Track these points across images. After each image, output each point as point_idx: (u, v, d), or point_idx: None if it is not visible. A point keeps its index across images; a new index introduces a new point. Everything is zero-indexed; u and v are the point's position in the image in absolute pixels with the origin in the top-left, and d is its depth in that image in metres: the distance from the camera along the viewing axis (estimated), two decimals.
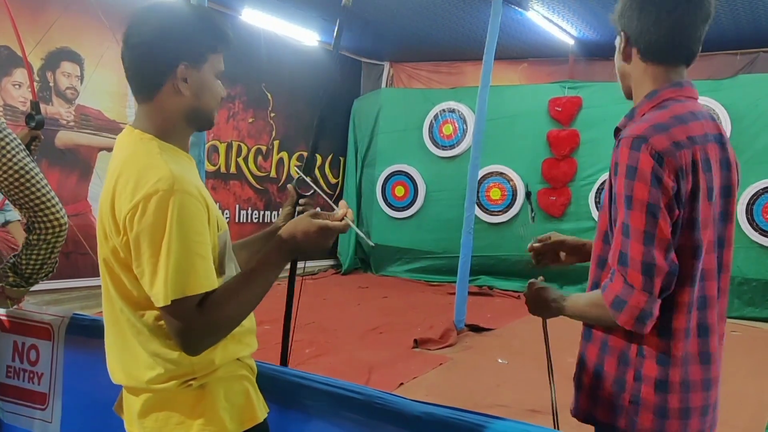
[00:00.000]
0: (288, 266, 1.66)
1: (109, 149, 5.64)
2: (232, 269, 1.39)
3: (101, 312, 1.38)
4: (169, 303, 1.18)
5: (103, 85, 5.52)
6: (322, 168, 8.37)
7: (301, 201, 1.63)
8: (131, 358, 1.29)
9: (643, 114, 1.38)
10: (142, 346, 1.28)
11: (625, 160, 1.29)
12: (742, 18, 5.86)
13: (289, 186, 1.64)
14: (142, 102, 1.33)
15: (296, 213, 1.63)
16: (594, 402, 1.42)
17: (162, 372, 1.27)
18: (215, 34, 1.34)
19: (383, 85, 8.84)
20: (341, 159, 8.62)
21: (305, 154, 8.02)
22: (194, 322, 1.20)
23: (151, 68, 1.29)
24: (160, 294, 1.18)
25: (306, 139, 7.99)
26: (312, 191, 1.61)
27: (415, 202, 7.97)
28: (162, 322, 1.25)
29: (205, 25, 1.33)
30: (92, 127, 5.50)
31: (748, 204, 6.24)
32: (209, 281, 1.22)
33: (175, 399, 1.29)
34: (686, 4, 1.36)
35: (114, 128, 5.63)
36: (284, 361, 1.70)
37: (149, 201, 1.18)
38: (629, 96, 1.50)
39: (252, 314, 1.36)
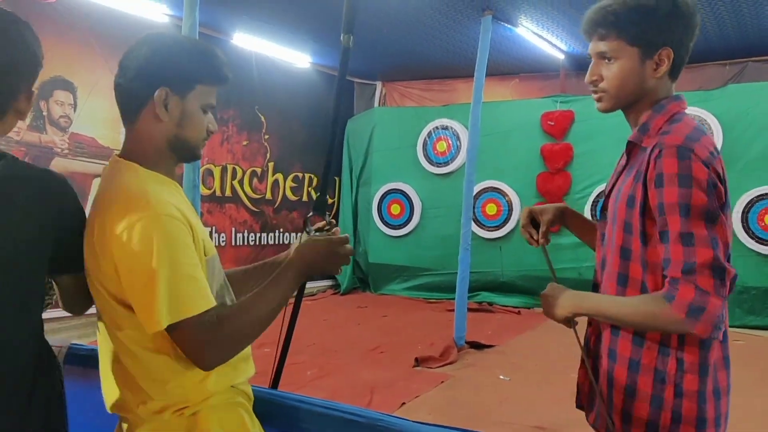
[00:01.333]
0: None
1: None
2: (224, 296, 1.37)
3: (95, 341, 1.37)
4: (164, 328, 1.17)
5: (96, 112, 5.53)
6: (319, 190, 8.37)
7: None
8: (124, 386, 1.28)
9: (660, 127, 1.37)
10: (135, 375, 1.26)
11: (675, 169, 1.26)
12: (729, 29, 5.93)
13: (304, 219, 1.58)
14: (127, 127, 1.33)
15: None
16: (628, 421, 1.39)
17: (154, 401, 1.25)
18: (207, 66, 1.33)
19: (376, 104, 8.89)
20: (336, 179, 8.63)
21: (300, 174, 8.04)
22: (206, 337, 1.19)
23: (133, 90, 1.29)
24: (152, 320, 1.17)
25: (301, 160, 8.01)
26: (326, 228, 1.51)
27: (411, 219, 7.97)
28: (154, 351, 1.24)
29: (197, 55, 1.32)
30: (86, 155, 5.49)
31: (742, 212, 6.26)
32: (206, 300, 1.21)
33: (168, 428, 1.26)
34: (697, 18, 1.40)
35: (108, 155, 5.63)
36: (275, 384, 1.67)
37: (133, 229, 1.17)
38: (618, 108, 1.47)
39: None
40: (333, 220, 1.53)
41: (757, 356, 5.12)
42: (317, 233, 1.48)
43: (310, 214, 1.58)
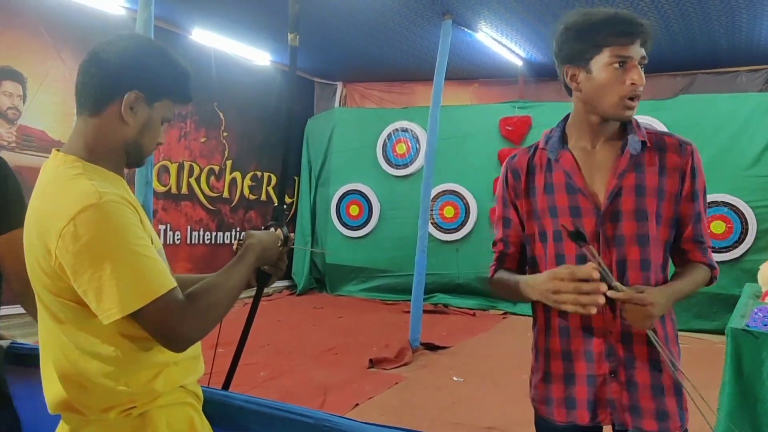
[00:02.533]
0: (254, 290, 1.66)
1: None
2: None
3: None
4: (130, 312, 1.14)
5: (47, 104, 5.37)
6: (276, 188, 8.30)
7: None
8: (67, 386, 1.24)
9: (636, 125, 1.56)
10: (79, 373, 1.22)
11: (700, 162, 1.53)
12: (681, 42, 6.12)
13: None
14: (81, 115, 1.30)
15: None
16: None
17: (100, 400, 1.22)
18: (182, 84, 1.35)
19: (336, 104, 8.87)
20: (295, 179, 8.58)
21: (259, 173, 7.96)
22: (178, 314, 1.17)
23: (107, 83, 1.27)
24: (113, 307, 1.14)
25: (260, 159, 7.92)
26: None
27: (369, 221, 7.98)
28: (99, 348, 1.21)
29: (176, 70, 1.33)
30: (35, 148, 5.32)
31: None
32: (168, 279, 1.19)
33: (115, 428, 1.24)
34: None
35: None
36: (227, 384, 1.66)
37: (79, 219, 1.14)
38: None
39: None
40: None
41: (700, 359, 5.28)
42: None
43: (270, 224, 1.64)
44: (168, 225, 6.78)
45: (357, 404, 3.95)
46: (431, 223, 7.05)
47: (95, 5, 5.59)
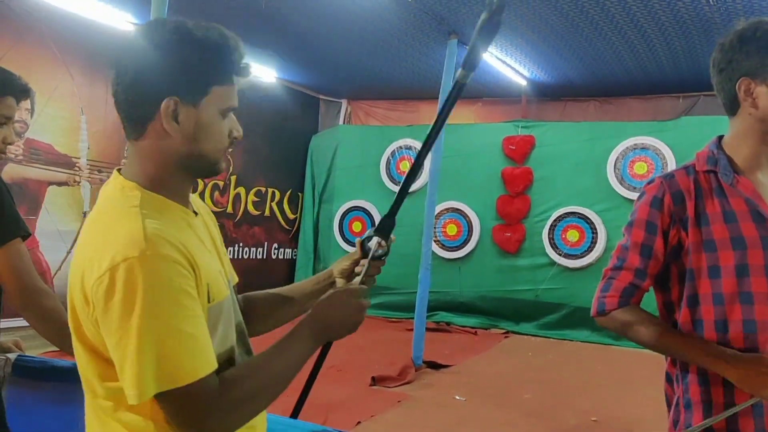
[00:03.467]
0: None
1: (59, 183, 5.49)
2: (232, 346, 1.14)
3: (49, 352, 1.31)
4: (149, 398, 0.97)
5: (54, 119, 5.41)
6: (280, 203, 8.32)
7: (362, 262, 1.41)
8: None
9: None
10: None
11: None
12: (683, 63, 6.16)
13: (357, 240, 1.43)
14: (129, 140, 1.13)
15: (353, 273, 1.43)
16: None
17: None
18: (223, 62, 1.11)
19: (341, 121, 8.92)
20: (299, 195, 8.60)
21: (263, 189, 7.98)
22: (205, 406, 0.99)
23: (133, 102, 1.08)
24: (135, 389, 0.96)
25: (265, 175, 7.95)
26: (381, 254, 1.39)
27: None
28: (128, 417, 1.04)
29: (209, 51, 1.08)
30: (42, 161, 5.36)
31: None
32: (205, 363, 1.00)
33: None
34: None
35: (65, 162, 5.50)
36: (296, 413, 1.57)
37: (116, 272, 0.96)
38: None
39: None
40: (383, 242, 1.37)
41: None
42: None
43: (370, 234, 1.40)
44: None
45: (359, 422, 3.93)
46: (434, 241, 7.05)
47: (104, 20, 5.65)
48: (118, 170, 1.13)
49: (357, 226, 8.11)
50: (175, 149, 1.09)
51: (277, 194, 8.18)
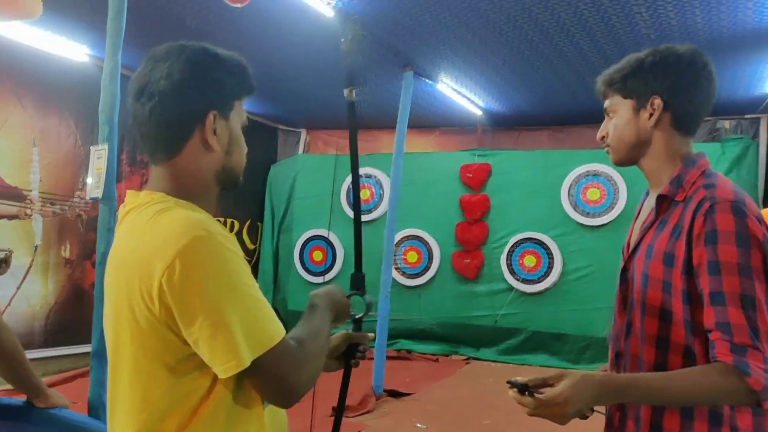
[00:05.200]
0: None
1: (10, 217, 5.36)
2: None
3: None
4: (248, 365, 1.00)
5: (5, 150, 5.30)
6: (239, 234, 8.26)
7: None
8: None
9: (694, 181, 1.31)
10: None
11: (732, 227, 1.18)
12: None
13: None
14: (159, 163, 1.14)
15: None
16: None
17: None
18: (243, 77, 1.19)
19: (300, 151, 8.95)
20: (259, 225, 8.56)
21: (222, 219, 7.92)
22: (292, 363, 1.05)
23: (172, 120, 1.10)
24: (228, 361, 1.00)
25: (224, 205, 7.89)
26: (361, 316, 1.54)
27: (333, 266, 7.98)
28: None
29: (233, 66, 1.17)
30: None
31: None
32: (280, 324, 1.07)
33: None
34: (715, 77, 1.38)
35: (14, 195, 5.38)
36: None
37: (185, 256, 0.99)
38: (629, 162, 1.44)
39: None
40: None
41: None
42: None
43: (353, 293, 1.56)
44: None
45: None
46: (394, 268, 7.08)
47: (58, 52, 5.60)
48: (132, 191, 1.15)
49: (318, 255, 8.10)
50: (213, 163, 1.15)
51: (236, 224, 8.12)
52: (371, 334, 1.55)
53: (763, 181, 6.65)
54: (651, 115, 1.36)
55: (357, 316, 1.55)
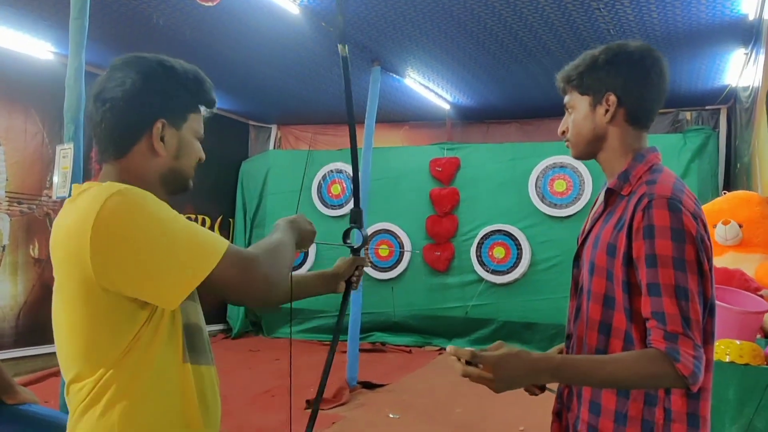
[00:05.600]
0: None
1: None
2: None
3: None
4: (204, 278, 1.08)
5: None
6: (211, 230, 8.23)
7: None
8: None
9: (640, 176, 1.37)
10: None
11: (667, 222, 1.25)
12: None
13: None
14: (107, 161, 1.23)
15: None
16: None
17: None
18: (200, 93, 1.27)
19: (271, 146, 8.96)
20: (231, 221, 8.55)
21: (193, 216, 7.90)
22: (251, 259, 1.14)
23: (121, 124, 1.19)
24: (178, 285, 1.08)
25: (195, 201, 7.87)
26: (359, 246, 1.78)
27: (305, 261, 8.01)
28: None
29: (190, 82, 1.25)
30: None
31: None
32: (222, 238, 1.15)
33: None
34: (666, 72, 1.43)
35: None
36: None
37: (107, 209, 1.07)
38: (587, 156, 1.50)
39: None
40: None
41: None
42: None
43: (352, 226, 1.83)
44: None
45: None
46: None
47: (22, 50, 5.54)
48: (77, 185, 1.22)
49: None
50: (160, 166, 1.23)
51: (208, 221, 8.11)
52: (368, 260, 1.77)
53: (723, 171, 6.85)
54: (606, 110, 1.41)
55: (355, 246, 1.79)
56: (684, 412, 1.29)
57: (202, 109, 1.29)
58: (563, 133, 1.52)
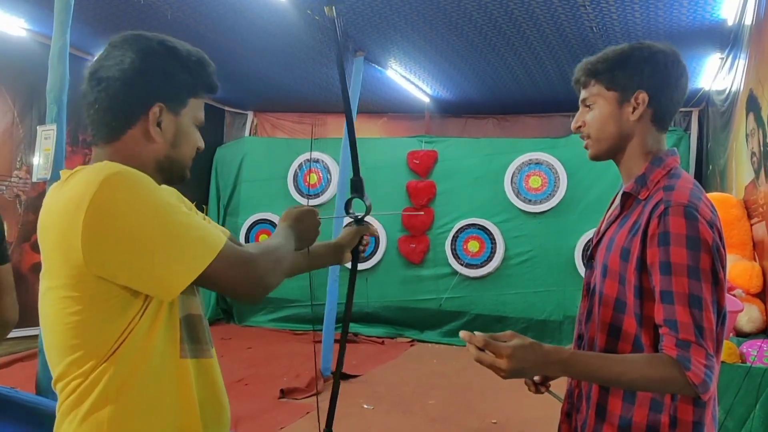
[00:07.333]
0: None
1: None
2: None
3: None
4: (198, 275, 1.03)
5: None
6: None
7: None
8: None
9: (658, 181, 1.35)
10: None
11: (683, 230, 1.23)
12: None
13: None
14: (99, 144, 1.16)
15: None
16: None
17: None
18: (202, 77, 1.21)
19: (247, 133, 8.85)
20: (204, 207, 8.44)
21: None
22: (247, 257, 1.09)
23: (120, 106, 1.12)
24: (172, 277, 1.03)
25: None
26: (362, 216, 1.79)
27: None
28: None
29: (192, 65, 1.19)
30: None
31: (583, 251, 6.92)
32: (219, 234, 1.10)
33: None
34: (687, 74, 1.41)
35: None
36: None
37: (103, 192, 1.00)
38: (606, 155, 1.46)
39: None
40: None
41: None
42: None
43: (353, 196, 1.79)
44: None
45: None
46: None
47: None
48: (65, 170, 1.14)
49: (264, 239, 8.04)
50: (154, 153, 1.16)
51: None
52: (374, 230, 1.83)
53: (694, 171, 6.99)
54: (634, 109, 1.37)
55: (358, 216, 1.82)
56: (690, 420, 1.28)
57: (204, 95, 1.24)
58: (579, 128, 1.48)
